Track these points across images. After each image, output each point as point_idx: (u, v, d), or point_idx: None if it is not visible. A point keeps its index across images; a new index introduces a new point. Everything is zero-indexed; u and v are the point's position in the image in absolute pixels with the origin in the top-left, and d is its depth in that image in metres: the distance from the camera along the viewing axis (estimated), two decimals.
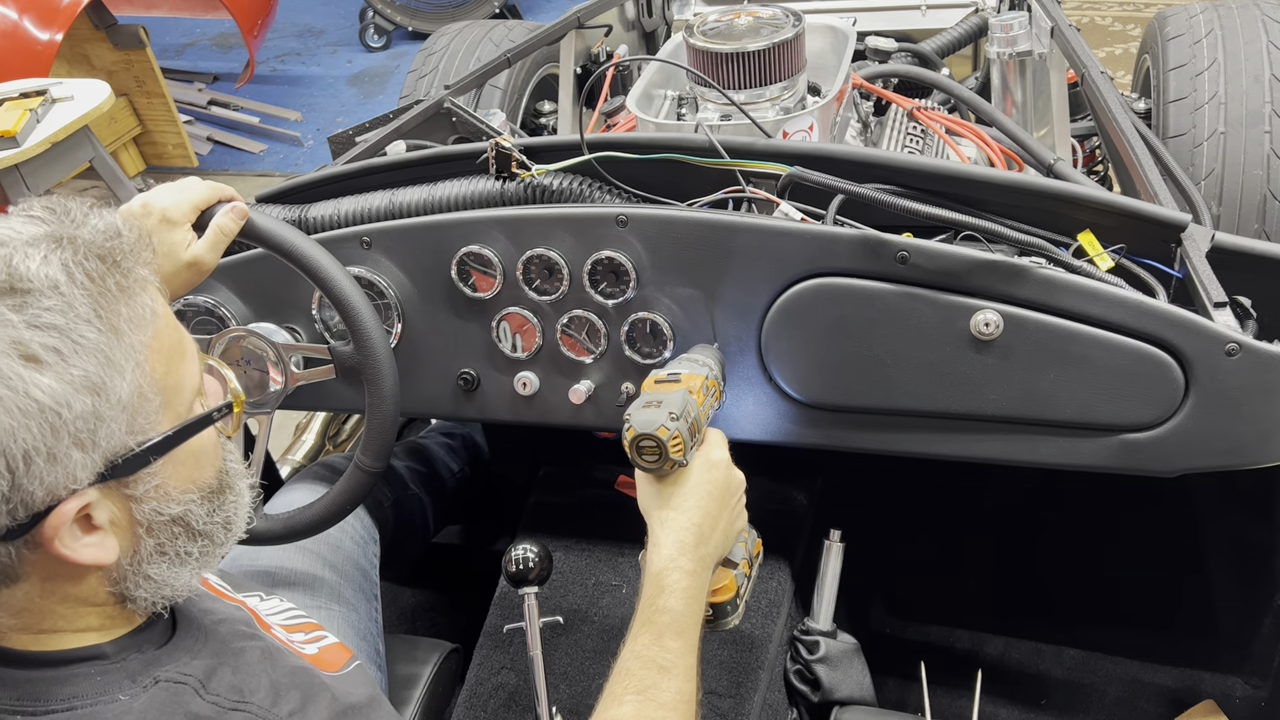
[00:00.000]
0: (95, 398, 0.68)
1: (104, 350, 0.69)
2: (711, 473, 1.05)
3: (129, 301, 0.72)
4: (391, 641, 1.46)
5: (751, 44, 1.57)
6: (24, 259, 0.68)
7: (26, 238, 0.70)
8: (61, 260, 0.69)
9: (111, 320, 0.70)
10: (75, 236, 0.71)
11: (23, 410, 0.65)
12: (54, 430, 0.67)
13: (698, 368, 1.14)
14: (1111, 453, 1.22)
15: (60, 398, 0.66)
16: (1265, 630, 1.67)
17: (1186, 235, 1.21)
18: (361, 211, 1.44)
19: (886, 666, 1.71)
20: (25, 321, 0.66)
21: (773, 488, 1.82)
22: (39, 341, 0.66)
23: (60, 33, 3.42)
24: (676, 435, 0.99)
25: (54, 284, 0.68)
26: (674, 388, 1.06)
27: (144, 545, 0.76)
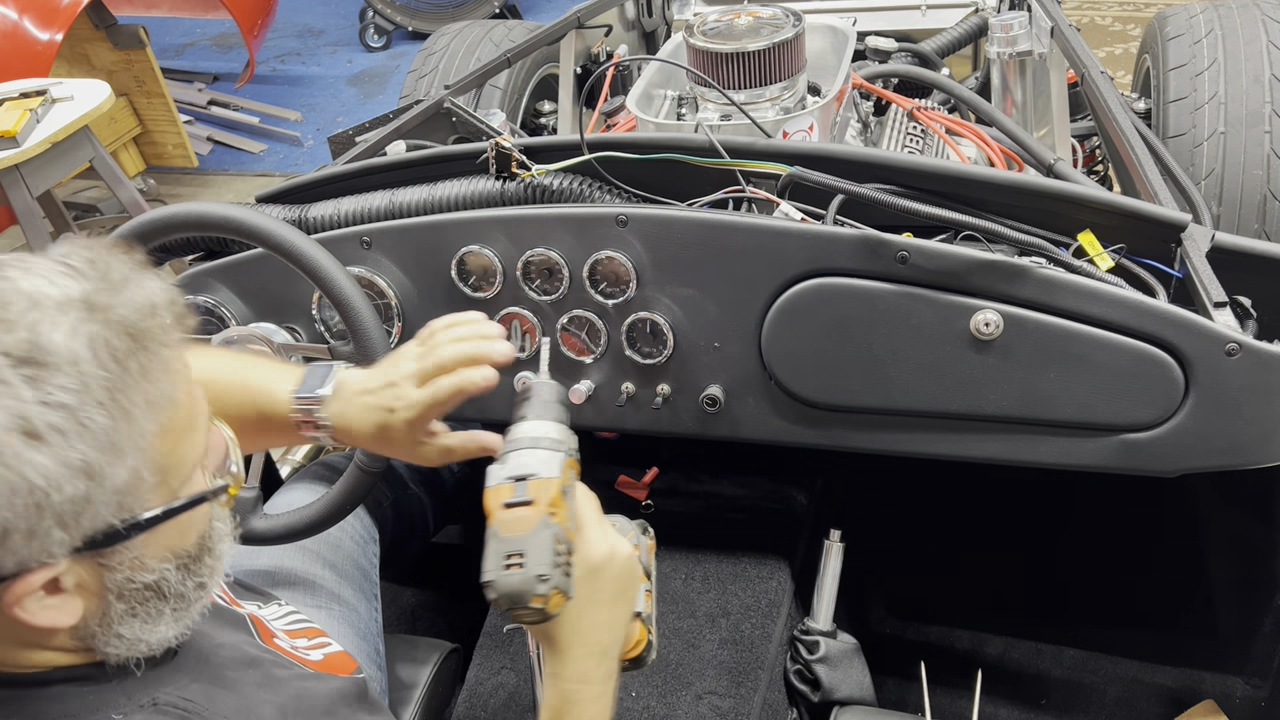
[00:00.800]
0: (89, 482, 0.65)
1: (109, 435, 0.66)
2: (599, 580, 0.91)
3: (148, 385, 0.68)
4: (391, 641, 1.46)
5: (751, 44, 1.57)
6: (51, 327, 0.64)
7: (59, 298, 0.66)
8: (89, 334, 0.65)
9: (125, 405, 0.67)
10: (110, 307, 0.67)
11: (11, 487, 0.62)
12: (39, 509, 0.64)
13: (550, 457, 0.91)
14: (1111, 453, 1.22)
15: (53, 479, 0.63)
16: (1265, 630, 1.67)
17: (1186, 235, 1.21)
18: (361, 211, 1.44)
19: (886, 666, 1.71)
20: (36, 397, 0.63)
21: (773, 488, 1.82)
22: (45, 419, 0.63)
23: (60, 33, 3.42)
24: (553, 592, 0.85)
25: (74, 360, 0.64)
26: (530, 520, 0.87)
27: (114, 609, 0.73)
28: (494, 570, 0.86)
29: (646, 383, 1.37)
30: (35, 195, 2.79)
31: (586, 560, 0.90)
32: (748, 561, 1.69)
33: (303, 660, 0.99)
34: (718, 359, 1.33)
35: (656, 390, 1.37)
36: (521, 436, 0.92)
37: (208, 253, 1.52)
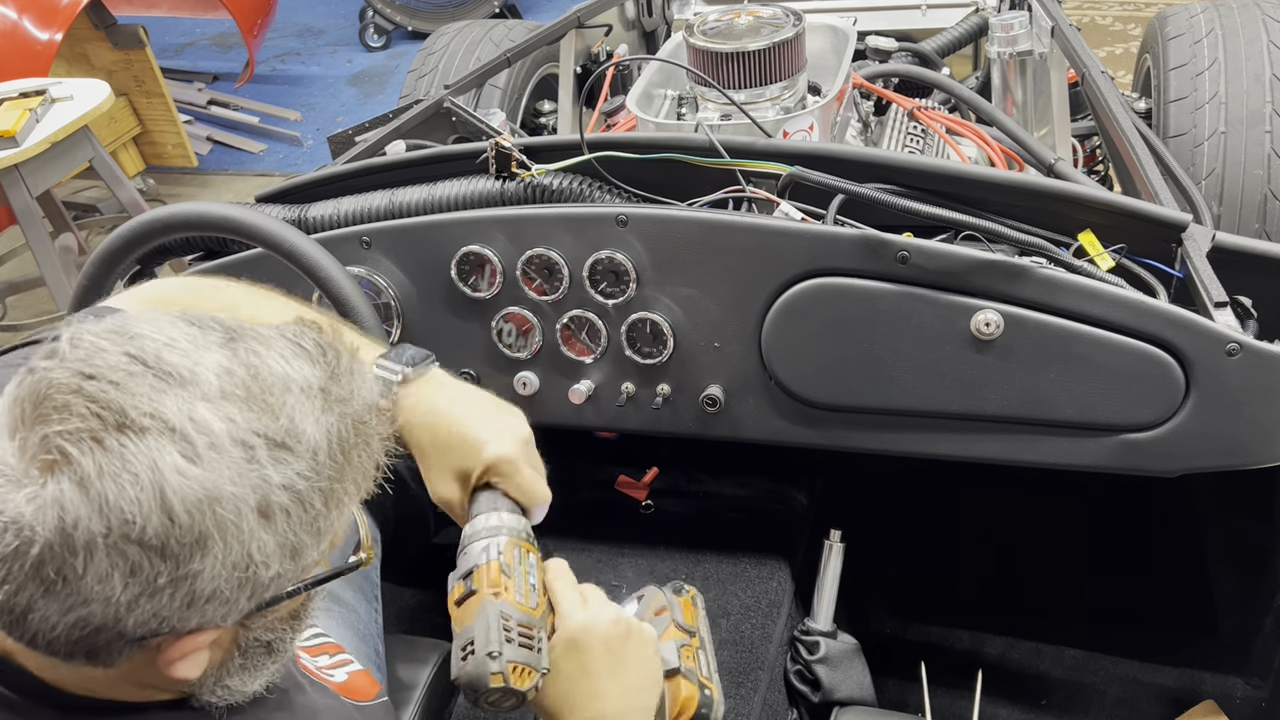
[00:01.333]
0: (291, 562, 0.68)
1: (319, 521, 0.69)
2: (584, 650, 0.89)
3: (357, 474, 0.72)
4: (391, 641, 1.46)
5: (751, 44, 1.57)
6: (303, 416, 0.67)
7: (303, 384, 0.68)
8: (328, 428, 0.69)
9: (339, 494, 0.70)
10: (345, 400, 0.71)
11: (234, 561, 0.64)
12: (241, 584, 0.66)
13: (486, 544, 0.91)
14: (1112, 453, 1.22)
15: (268, 557, 0.66)
16: (1265, 630, 1.66)
17: (1187, 235, 1.21)
18: (361, 211, 1.44)
19: (886, 666, 1.71)
20: (280, 480, 0.65)
21: (773, 488, 1.82)
22: (279, 500, 0.66)
23: (60, 32, 3.41)
24: (513, 667, 0.84)
25: (315, 450, 0.67)
26: (472, 607, 0.87)
27: (232, 664, 0.75)
28: (454, 665, 0.86)
29: (646, 383, 1.37)
30: (35, 195, 2.79)
31: (563, 634, 0.90)
32: (748, 561, 1.69)
33: (331, 684, 0.99)
34: (718, 359, 1.33)
35: (656, 390, 1.37)
36: (464, 538, 0.93)
37: (208, 253, 1.52)
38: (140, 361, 0.64)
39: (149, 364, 0.64)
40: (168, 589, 0.63)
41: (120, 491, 0.60)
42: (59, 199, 3.28)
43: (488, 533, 0.92)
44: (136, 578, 0.62)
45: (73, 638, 0.64)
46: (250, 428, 0.65)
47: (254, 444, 0.65)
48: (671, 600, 1.04)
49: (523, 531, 0.93)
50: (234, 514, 0.63)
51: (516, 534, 0.92)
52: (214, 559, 0.63)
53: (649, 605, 1.03)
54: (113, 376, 0.63)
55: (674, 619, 1.01)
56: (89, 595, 0.62)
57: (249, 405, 0.65)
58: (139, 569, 0.62)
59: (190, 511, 0.62)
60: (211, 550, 0.63)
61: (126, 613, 0.63)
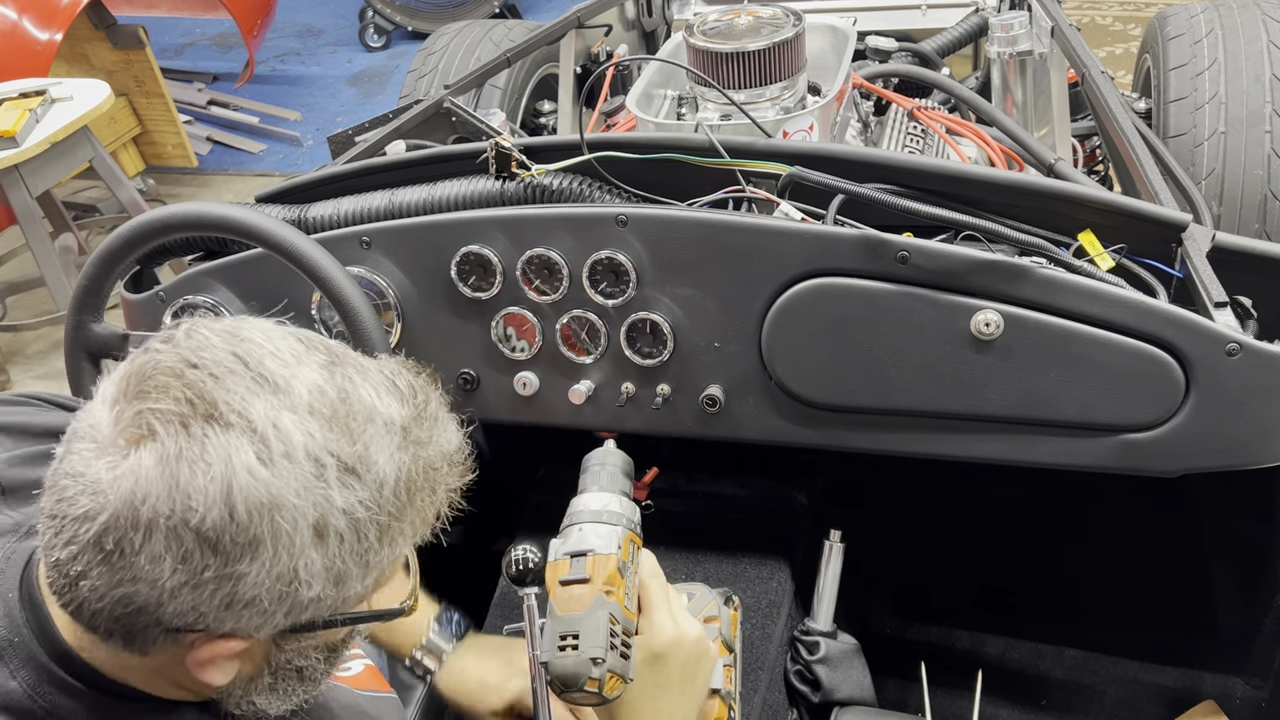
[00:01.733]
0: (334, 589, 0.69)
1: (370, 555, 0.69)
2: (664, 666, 0.91)
3: (415, 518, 0.73)
4: None
5: (751, 44, 1.57)
6: (379, 447, 0.69)
7: (388, 418, 0.70)
8: (399, 465, 0.70)
9: (394, 534, 0.71)
10: (422, 443, 0.72)
11: (279, 576, 0.65)
12: (283, 598, 0.67)
13: (609, 532, 0.89)
14: (1112, 453, 1.22)
15: (313, 576, 0.67)
16: (1265, 630, 1.66)
17: (1187, 235, 1.21)
18: (361, 211, 1.44)
19: (886, 666, 1.71)
20: (342, 503, 0.67)
21: (773, 488, 1.82)
22: (336, 523, 0.67)
23: (60, 33, 3.42)
24: (610, 675, 0.84)
25: (381, 483, 0.69)
26: (585, 599, 0.86)
27: (261, 681, 0.76)
28: (549, 651, 0.86)
29: (646, 383, 1.37)
30: (35, 195, 2.79)
31: (650, 645, 0.91)
32: (748, 561, 1.69)
33: (344, 679, 1.00)
34: (718, 359, 1.33)
35: (656, 390, 1.37)
36: (582, 510, 0.91)
37: (208, 253, 1.52)
38: (243, 362, 0.67)
39: (250, 365, 0.67)
40: (211, 584, 0.64)
41: (192, 477, 0.63)
42: (59, 199, 3.28)
43: (611, 517, 0.90)
44: (186, 565, 0.63)
45: (115, 614, 0.66)
46: (326, 446, 0.66)
47: (326, 462, 0.66)
48: (723, 613, 1.03)
49: (637, 525, 0.92)
50: (290, 525, 0.65)
51: (633, 528, 0.91)
52: (261, 565, 0.65)
53: (700, 608, 1.02)
54: (214, 370, 0.66)
55: (721, 634, 1.01)
56: (139, 573, 0.64)
57: (331, 425, 0.67)
58: (190, 557, 0.63)
59: (251, 512, 0.63)
60: (261, 555, 0.64)
61: (169, 599, 0.65)
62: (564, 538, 0.91)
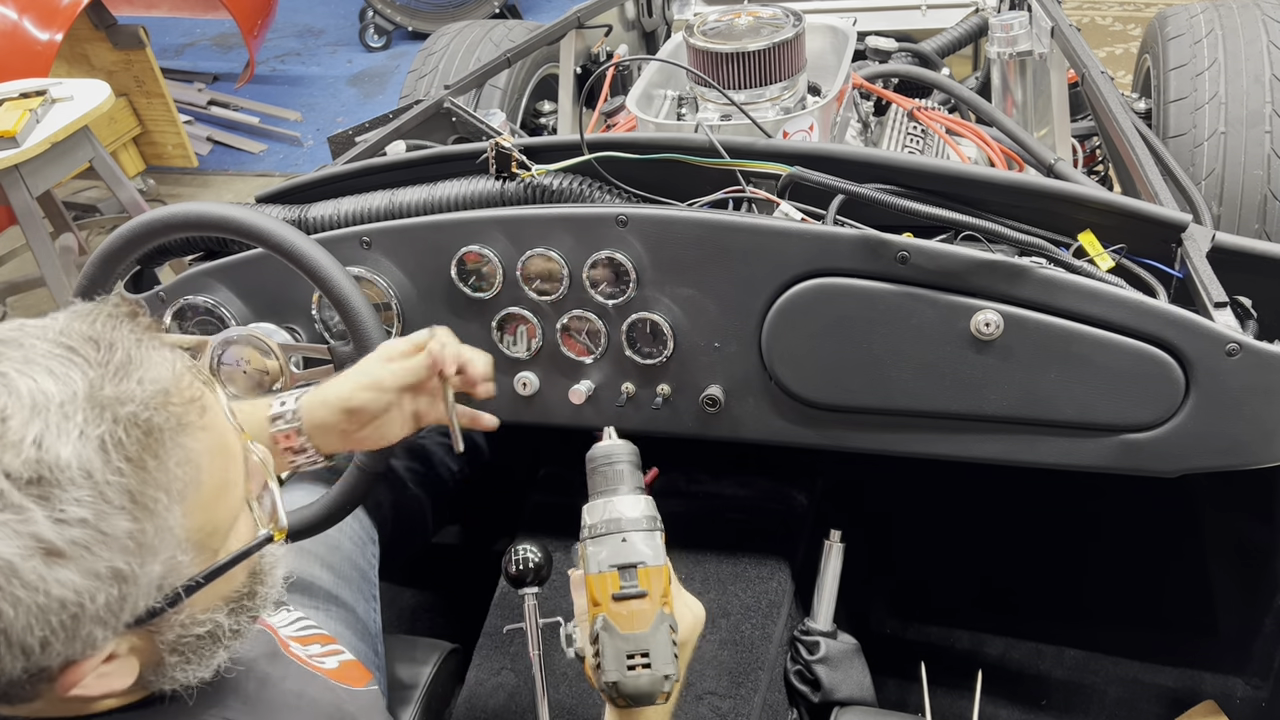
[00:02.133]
0: (122, 585, 0.62)
1: (136, 539, 0.62)
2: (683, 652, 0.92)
3: (167, 477, 0.64)
4: (391, 642, 1.46)
5: (751, 44, 1.57)
6: (55, 438, 0.60)
7: (62, 398, 0.61)
8: (99, 438, 0.61)
9: (147, 504, 0.63)
10: (118, 399, 0.62)
11: (41, 608, 0.59)
12: (75, 619, 0.61)
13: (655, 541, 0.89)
14: (1112, 453, 1.22)
15: (84, 591, 0.61)
16: (1265, 630, 1.66)
17: (1187, 235, 1.21)
18: (361, 211, 1.44)
19: (886, 666, 1.71)
20: (49, 516, 0.59)
21: (773, 488, 1.82)
22: (64, 536, 0.59)
23: (60, 33, 3.42)
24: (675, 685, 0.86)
25: (87, 471, 0.60)
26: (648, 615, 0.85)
27: (167, 661, 0.71)
28: (616, 671, 0.84)
29: (646, 383, 1.37)
30: (35, 195, 2.79)
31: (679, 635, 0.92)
32: (748, 561, 1.69)
33: (322, 670, 0.99)
34: (718, 359, 1.33)
35: (656, 390, 1.37)
36: (620, 516, 0.89)
37: (208, 253, 1.52)
38: None
39: None
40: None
41: None
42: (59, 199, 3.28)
43: (649, 524, 0.89)
44: None
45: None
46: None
47: (1, 489, 0.58)
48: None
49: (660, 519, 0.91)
50: (3, 572, 0.58)
51: (661, 525, 0.91)
52: (10, 615, 0.59)
53: None
54: None
55: None
56: None
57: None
58: None
59: None
60: (0, 608, 0.59)
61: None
62: (601, 545, 0.88)
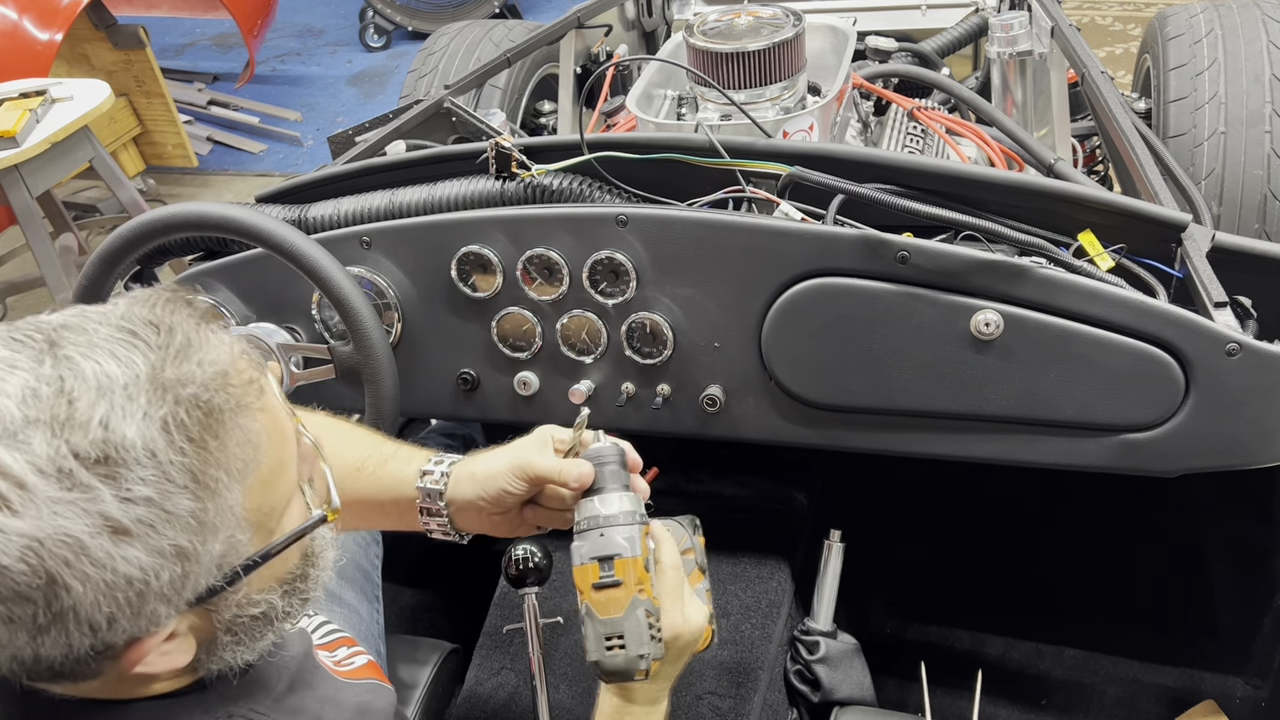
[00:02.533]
0: (185, 563, 0.64)
1: (198, 516, 0.64)
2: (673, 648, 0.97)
3: (227, 455, 0.66)
4: (391, 642, 1.46)
5: (751, 44, 1.57)
6: (121, 418, 0.61)
7: (125, 380, 0.62)
8: (162, 419, 0.62)
9: (209, 484, 0.65)
10: (179, 381, 0.64)
11: (109, 585, 0.61)
12: (140, 596, 0.63)
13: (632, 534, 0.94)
14: (1112, 453, 1.22)
15: (149, 569, 0.62)
16: (1265, 630, 1.66)
17: (1187, 235, 1.21)
18: (361, 211, 1.44)
19: (886, 666, 1.71)
20: (116, 495, 0.61)
21: (773, 488, 1.82)
22: (129, 515, 0.61)
23: (60, 33, 3.41)
24: (656, 660, 0.94)
25: (151, 451, 0.62)
26: (623, 601, 0.92)
27: (221, 640, 0.73)
28: (596, 651, 0.93)
29: (646, 383, 1.37)
30: (35, 195, 2.79)
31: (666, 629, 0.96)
32: (748, 561, 1.69)
33: (347, 673, 0.99)
34: (718, 359, 1.33)
35: (656, 390, 1.37)
36: (597, 514, 0.95)
37: (208, 253, 1.52)
38: None
39: None
40: (55, 626, 0.61)
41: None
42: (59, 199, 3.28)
43: (626, 518, 0.95)
44: (17, 625, 0.60)
45: (25, 671, 0.64)
46: (60, 453, 0.60)
47: (70, 469, 0.60)
48: (695, 542, 1.10)
49: (645, 515, 0.97)
50: (73, 548, 0.60)
51: (645, 520, 0.97)
52: (80, 592, 0.60)
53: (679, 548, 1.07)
54: None
55: (697, 562, 1.08)
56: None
57: (55, 428, 0.60)
58: (14, 618, 0.60)
59: (22, 559, 0.59)
60: (70, 585, 0.60)
61: (38, 649, 0.62)
62: (584, 540, 0.95)
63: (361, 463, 1.08)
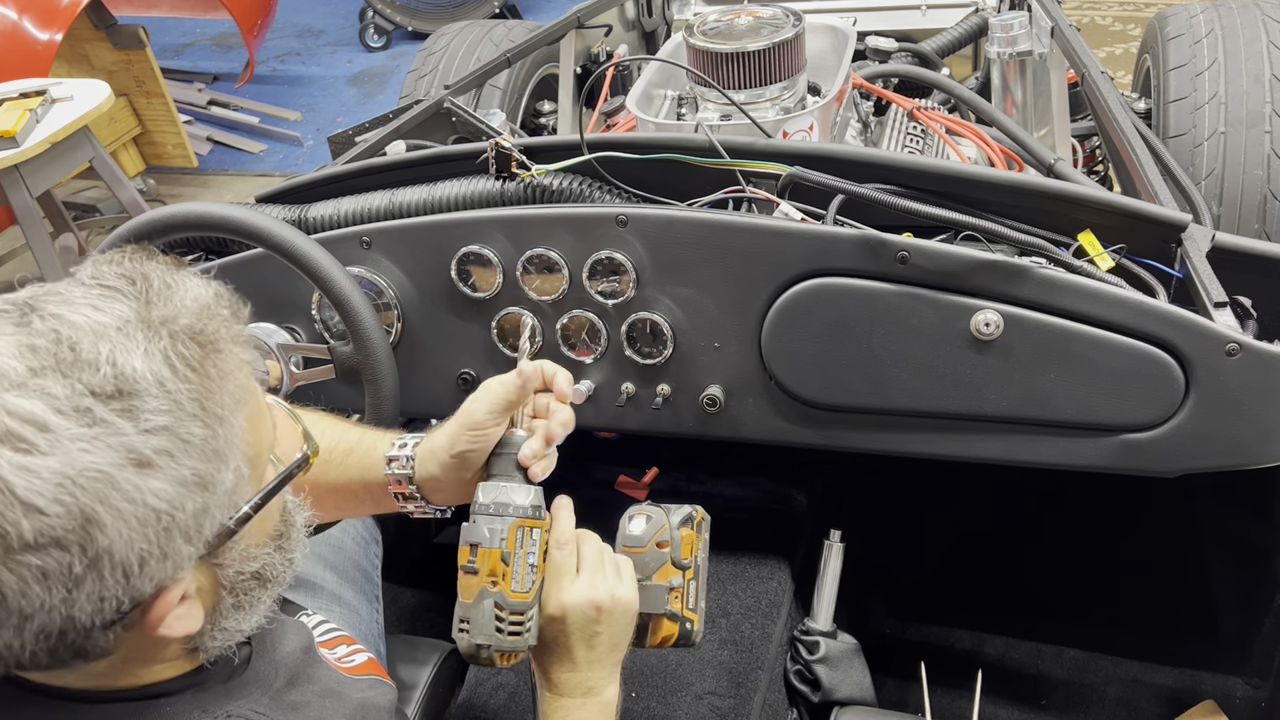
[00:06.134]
0: (205, 493, 0.66)
1: (210, 444, 0.67)
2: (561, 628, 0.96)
3: (226, 383, 0.69)
4: (391, 641, 1.46)
5: (751, 44, 1.57)
6: (126, 355, 0.64)
7: (116, 323, 0.65)
8: (162, 352, 0.65)
9: (216, 411, 0.67)
10: (168, 319, 0.67)
11: (140, 519, 0.63)
12: (168, 531, 0.64)
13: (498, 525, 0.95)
14: (1112, 453, 1.22)
15: (174, 500, 0.64)
16: (1265, 630, 1.66)
17: (1187, 235, 1.21)
18: (361, 211, 1.44)
19: (886, 666, 1.71)
20: (136, 428, 0.63)
21: (773, 488, 1.82)
22: (150, 446, 0.63)
23: (60, 33, 3.42)
24: (499, 654, 0.93)
25: (160, 381, 0.64)
26: (473, 589, 0.94)
27: (223, 603, 0.75)
28: (453, 629, 0.95)
29: (646, 383, 1.37)
30: (35, 195, 2.79)
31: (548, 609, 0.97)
32: (748, 561, 1.69)
33: (348, 669, 1.00)
34: (718, 359, 1.33)
35: (656, 390, 1.37)
36: (486, 501, 0.96)
37: (207, 253, 1.52)
38: None
39: None
40: (91, 574, 0.62)
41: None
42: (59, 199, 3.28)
43: (496, 509, 0.95)
44: (52, 579, 0.61)
45: (46, 648, 0.64)
46: (75, 392, 0.62)
47: (87, 405, 0.62)
48: (674, 536, 1.08)
49: (528, 509, 0.96)
50: (104, 482, 0.61)
51: (523, 514, 0.96)
52: (115, 529, 0.62)
53: (654, 533, 1.07)
54: None
55: (671, 556, 1.07)
56: (24, 609, 0.61)
57: (64, 371, 0.62)
58: (48, 571, 0.61)
59: (57, 500, 0.60)
60: (105, 522, 0.61)
61: (71, 609, 0.63)
62: (471, 521, 0.96)
63: (328, 453, 1.08)
